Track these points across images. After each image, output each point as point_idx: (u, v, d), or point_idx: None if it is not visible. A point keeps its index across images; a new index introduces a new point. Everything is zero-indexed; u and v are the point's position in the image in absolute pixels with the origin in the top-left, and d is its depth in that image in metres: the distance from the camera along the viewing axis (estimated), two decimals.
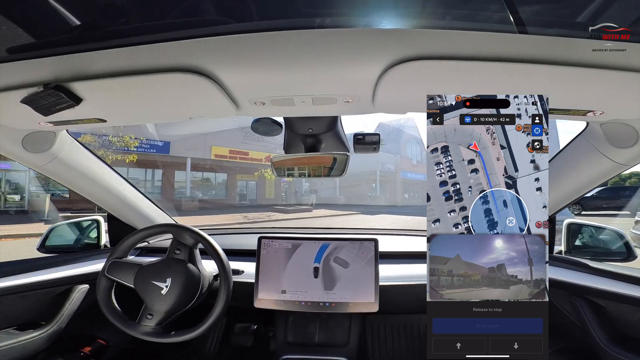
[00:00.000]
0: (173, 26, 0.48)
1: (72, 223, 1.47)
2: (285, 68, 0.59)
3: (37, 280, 1.11)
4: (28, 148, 0.97)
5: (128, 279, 1.06)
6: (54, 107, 0.68)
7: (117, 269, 1.07)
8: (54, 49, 0.52)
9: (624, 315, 0.91)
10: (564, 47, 0.50)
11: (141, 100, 0.72)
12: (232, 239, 1.64)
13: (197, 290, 1.08)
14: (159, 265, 1.07)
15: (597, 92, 0.61)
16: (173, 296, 1.03)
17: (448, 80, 0.60)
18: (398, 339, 1.56)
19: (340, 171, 1.07)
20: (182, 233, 1.11)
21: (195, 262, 1.12)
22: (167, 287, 1.04)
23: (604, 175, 0.95)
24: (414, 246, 1.45)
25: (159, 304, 1.03)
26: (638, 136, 0.79)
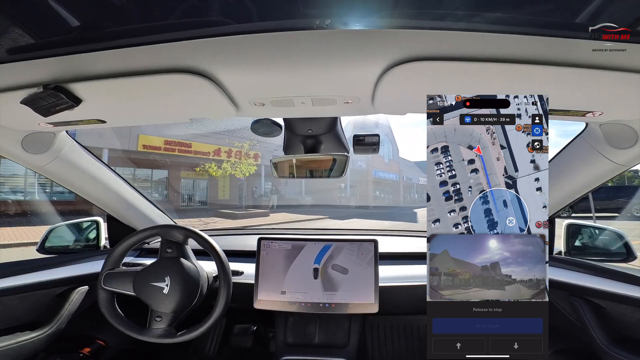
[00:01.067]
0: (173, 27, 0.48)
1: (71, 224, 1.46)
2: (285, 69, 0.59)
3: (37, 281, 1.11)
4: (27, 149, 0.97)
5: (127, 287, 1.05)
6: (53, 108, 0.68)
7: (113, 279, 1.06)
8: (54, 49, 0.52)
9: (624, 316, 0.91)
10: (563, 48, 0.50)
11: (141, 101, 0.72)
12: (231, 240, 1.64)
13: (198, 285, 1.08)
14: (154, 266, 1.07)
15: (597, 92, 0.61)
16: (176, 294, 1.03)
17: (448, 81, 0.60)
18: (398, 339, 1.56)
19: (339, 172, 1.07)
20: (170, 231, 1.11)
21: (188, 257, 1.12)
22: (168, 286, 1.03)
23: (603, 176, 0.95)
24: (414, 247, 1.45)
25: (164, 304, 1.03)
26: (637, 137, 0.79)
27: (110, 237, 1.48)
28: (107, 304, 1.06)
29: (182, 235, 1.11)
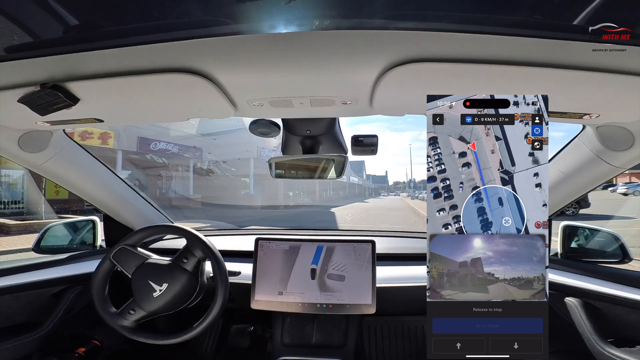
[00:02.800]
0: (172, 27, 0.48)
1: (67, 223, 1.45)
2: (284, 69, 0.59)
3: (32, 281, 1.10)
4: (24, 147, 0.97)
5: (129, 269, 1.06)
6: (50, 107, 0.67)
7: (124, 256, 1.07)
8: (52, 48, 0.52)
9: (619, 317, 0.92)
10: (561, 50, 0.50)
11: (139, 100, 0.71)
12: (228, 240, 1.63)
13: (188, 300, 1.08)
14: (162, 267, 1.07)
15: (594, 95, 0.62)
16: (162, 301, 1.04)
17: (446, 83, 0.61)
18: (395, 340, 1.56)
19: (338, 173, 1.08)
20: (195, 244, 1.10)
21: (199, 274, 1.11)
22: (161, 291, 1.03)
23: (600, 178, 0.95)
24: (412, 248, 1.45)
25: (147, 304, 1.03)
26: (634, 139, 0.80)
27: (107, 237, 1.47)
28: (103, 274, 1.08)
29: (202, 253, 1.09)
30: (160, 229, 1.17)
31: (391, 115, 0.78)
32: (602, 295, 0.94)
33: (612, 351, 0.85)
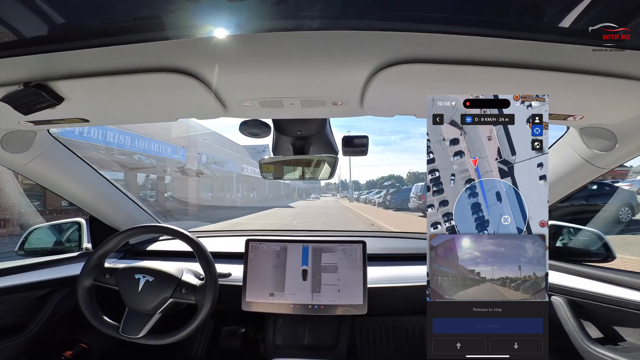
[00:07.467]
0: (160, 26, 0.47)
1: (52, 225, 1.42)
2: (274, 70, 0.58)
3: (16, 284, 1.07)
4: (7, 148, 0.94)
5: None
6: (34, 106, 0.66)
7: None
8: (36, 47, 0.51)
9: (605, 315, 0.94)
10: (545, 52, 0.51)
11: (126, 100, 0.70)
12: (219, 242, 1.62)
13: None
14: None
15: (578, 97, 0.63)
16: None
17: (435, 84, 0.61)
18: (387, 340, 1.57)
19: (328, 173, 1.08)
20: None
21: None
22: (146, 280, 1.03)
23: (583, 178, 0.98)
24: (404, 248, 1.46)
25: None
26: (617, 141, 0.82)
27: (93, 239, 1.44)
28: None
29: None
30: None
31: (381, 115, 0.79)
32: (586, 294, 0.96)
33: (597, 349, 0.87)
